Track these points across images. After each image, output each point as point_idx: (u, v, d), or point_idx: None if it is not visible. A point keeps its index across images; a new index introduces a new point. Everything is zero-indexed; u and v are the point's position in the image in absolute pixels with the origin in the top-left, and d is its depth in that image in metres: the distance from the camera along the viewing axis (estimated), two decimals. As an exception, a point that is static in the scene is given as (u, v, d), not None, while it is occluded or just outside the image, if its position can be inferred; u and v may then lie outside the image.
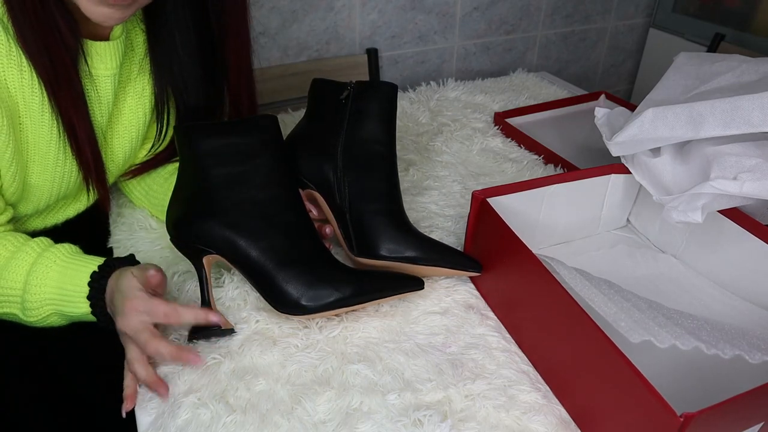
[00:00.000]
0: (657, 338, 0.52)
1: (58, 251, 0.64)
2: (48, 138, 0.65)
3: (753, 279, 0.69)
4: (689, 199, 0.65)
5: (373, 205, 0.71)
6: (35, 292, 0.62)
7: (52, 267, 0.62)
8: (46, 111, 0.64)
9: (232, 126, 0.67)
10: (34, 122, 0.64)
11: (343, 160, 0.72)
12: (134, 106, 0.77)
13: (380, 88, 0.74)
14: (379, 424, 0.56)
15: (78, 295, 0.62)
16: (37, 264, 0.62)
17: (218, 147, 0.65)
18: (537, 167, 0.99)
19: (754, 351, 0.53)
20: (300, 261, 0.64)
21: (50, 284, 0.62)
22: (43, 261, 0.63)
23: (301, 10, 1.30)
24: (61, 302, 0.62)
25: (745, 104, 0.64)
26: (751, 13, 1.51)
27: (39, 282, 0.62)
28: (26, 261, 0.62)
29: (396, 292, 0.67)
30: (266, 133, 0.67)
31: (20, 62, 0.60)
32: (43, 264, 0.62)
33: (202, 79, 0.77)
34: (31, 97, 0.62)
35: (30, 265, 0.62)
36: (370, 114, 0.73)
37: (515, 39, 1.59)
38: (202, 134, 0.65)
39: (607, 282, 0.62)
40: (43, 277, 0.62)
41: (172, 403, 0.58)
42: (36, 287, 0.62)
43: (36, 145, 0.65)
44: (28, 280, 0.62)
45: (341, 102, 0.74)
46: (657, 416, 0.46)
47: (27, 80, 0.61)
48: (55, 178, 0.69)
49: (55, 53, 0.61)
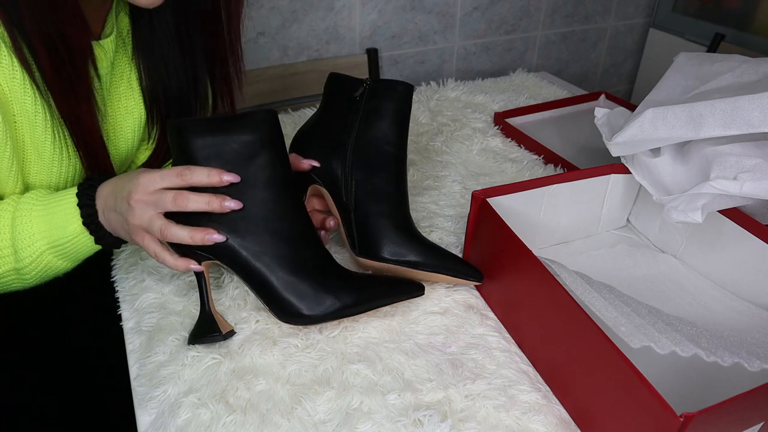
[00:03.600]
0: (657, 344, 0.52)
1: (34, 195, 0.64)
2: (43, 138, 0.65)
3: (753, 279, 0.69)
4: (689, 199, 0.65)
5: (379, 207, 0.70)
6: (24, 237, 0.62)
7: (33, 209, 0.62)
8: (39, 113, 0.63)
9: (228, 122, 0.61)
10: (29, 122, 0.64)
11: (352, 158, 0.71)
12: (130, 104, 0.77)
13: (396, 88, 0.73)
14: (379, 424, 0.56)
15: (67, 218, 0.62)
16: (18, 213, 0.62)
17: (213, 146, 0.60)
18: (537, 167, 0.99)
19: (753, 359, 0.54)
20: (301, 268, 0.62)
21: (37, 223, 0.62)
22: (22, 208, 0.63)
23: (301, 10, 1.30)
24: (52, 232, 0.62)
25: (745, 104, 0.64)
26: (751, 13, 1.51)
27: (25, 227, 0.62)
28: (6, 217, 0.62)
29: (397, 298, 0.66)
30: (265, 130, 0.62)
31: (11, 63, 0.60)
32: (24, 211, 0.62)
33: (183, 64, 0.77)
34: (23, 97, 0.62)
35: (12, 218, 0.62)
36: (383, 114, 0.72)
37: (515, 39, 1.59)
38: (195, 131, 0.60)
39: (607, 286, 0.62)
40: (28, 222, 0.62)
41: (172, 403, 0.58)
42: (23, 233, 0.62)
43: (32, 145, 0.65)
44: (14, 233, 0.61)
45: (355, 99, 0.73)
46: (657, 416, 0.46)
47: (18, 81, 0.61)
48: (51, 179, 0.68)
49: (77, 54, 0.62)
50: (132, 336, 0.66)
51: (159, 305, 0.69)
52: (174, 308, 0.69)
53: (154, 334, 0.65)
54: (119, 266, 0.76)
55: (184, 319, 0.67)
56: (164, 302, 0.70)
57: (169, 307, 0.69)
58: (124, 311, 0.69)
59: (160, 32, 0.74)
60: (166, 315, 0.68)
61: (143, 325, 0.67)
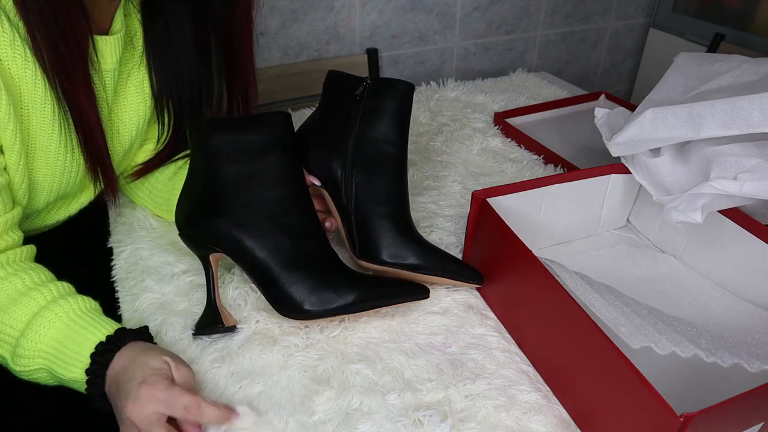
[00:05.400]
0: (657, 345, 0.52)
1: (74, 303, 0.60)
2: (50, 131, 0.65)
3: (753, 279, 0.69)
4: (689, 199, 0.65)
5: (379, 208, 0.69)
6: (32, 338, 0.57)
7: (61, 317, 0.58)
8: (48, 103, 0.63)
9: (244, 122, 0.65)
10: (36, 114, 0.63)
11: (352, 159, 0.70)
12: (135, 102, 0.76)
13: (396, 87, 0.72)
14: (379, 424, 0.56)
15: (76, 358, 0.57)
16: (46, 309, 0.58)
17: (229, 143, 0.63)
18: (537, 167, 0.99)
19: (753, 360, 0.54)
20: (305, 264, 0.63)
21: (51, 335, 0.57)
22: (53, 308, 0.59)
23: (301, 10, 1.30)
24: (55, 359, 0.57)
25: (745, 104, 0.64)
26: (751, 13, 1.51)
27: (40, 330, 0.57)
28: (37, 302, 0.59)
29: (399, 300, 0.66)
30: (278, 130, 0.65)
31: (24, 53, 0.60)
32: (52, 311, 0.58)
33: (198, 71, 0.76)
34: (34, 88, 0.62)
35: (39, 308, 0.58)
36: (384, 113, 0.71)
37: (515, 39, 1.59)
38: (213, 129, 0.63)
39: (608, 287, 0.62)
40: (47, 327, 0.58)
41: (173, 403, 0.58)
42: (35, 334, 0.57)
43: (38, 139, 0.65)
44: (30, 324, 0.58)
45: (355, 98, 0.72)
46: (657, 416, 0.46)
47: (30, 71, 0.61)
48: (56, 173, 0.68)
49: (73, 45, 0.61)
50: (132, 336, 0.66)
51: (159, 305, 0.69)
52: (174, 308, 0.69)
53: (155, 335, 0.65)
54: (119, 266, 0.76)
55: (184, 320, 0.67)
56: (164, 302, 0.70)
57: (169, 307, 0.69)
58: (124, 311, 0.69)
59: (177, 40, 0.74)
60: (167, 315, 0.68)
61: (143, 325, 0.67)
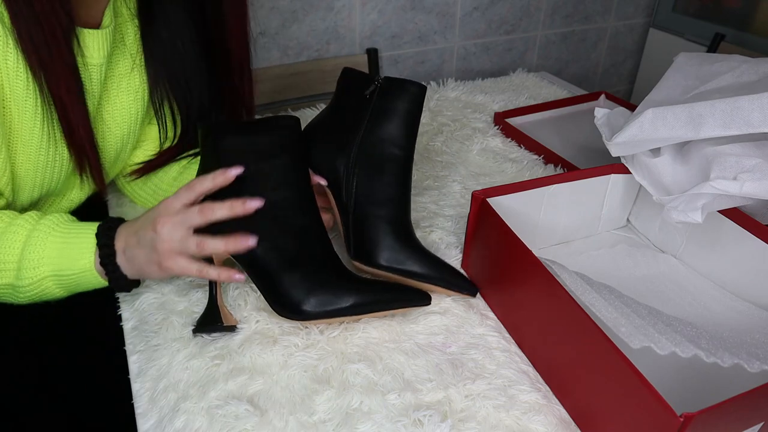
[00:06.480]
0: (657, 345, 0.52)
1: (58, 216, 0.63)
2: (31, 125, 0.64)
3: (753, 279, 0.69)
4: (689, 199, 0.65)
5: (379, 210, 0.69)
6: (34, 250, 0.61)
7: (53, 228, 0.62)
8: (30, 96, 0.62)
9: (255, 125, 0.67)
10: (19, 107, 0.62)
11: (356, 158, 0.70)
12: (126, 101, 0.76)
13: (408, 88, 0.71)
14: (379, 424, 0.56)
15: (81, 247, 0.61)
16: (36, 230, 0.61)
17: (240, 145, 0.64)
18: (537, 167, 0.99)
19: (753, 360, 0.54)
20: (306, 265, 0.64)
21: (51, 241, 0.61)
22: (42, 227, 0.62)
23: (301, 10, 1.30)
24: (61, 259, 0.61)
25: (745, 104, 0.64)
26: (751, 13, 1.51)
27: (38, 243, 0.61)
28: (24, 228, 0.61)
29: (399, 306, 0.66)
30: (287, 134, 0.66)
31: (6, 43, 0.59)
32: (44, 226, 0.61)
33: (205, 77, 0.76)
34: (16, 80, 0.61)
35: (29, 231, 0.61)
36: (393, 114, 0.70)
37: (515, 39, 1.59)
38: (225, 132, 0.65)
39: (608, 287, 0.62)
40: (43, 239, 0.61)
41: (173, 404, 0.58)
42: (35, 247, 0.61)
43: (19, 132, 0.64)
44: (26, 243, 0.61)
45: (365, 97, 0.71)
46: (657, 416, 0.46)
47: (12, 63, 0.60)
48: (38, 168, 0.67)
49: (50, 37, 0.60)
50: (132, 336, 0.66)
51: (159, 305, 0.69)
52: (174, 308, 0.69)
53: (155, 334, 0.65)
54: (119, 266, 0.76)
55: (184, 319, 0.67)
56: (164, 302, 0.70)
57: (169, 307, 0.69)
58: (124, 311, 0.69)
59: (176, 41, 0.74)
60: (167, 315, 0.68)
61: (143, 325, 0.67)
